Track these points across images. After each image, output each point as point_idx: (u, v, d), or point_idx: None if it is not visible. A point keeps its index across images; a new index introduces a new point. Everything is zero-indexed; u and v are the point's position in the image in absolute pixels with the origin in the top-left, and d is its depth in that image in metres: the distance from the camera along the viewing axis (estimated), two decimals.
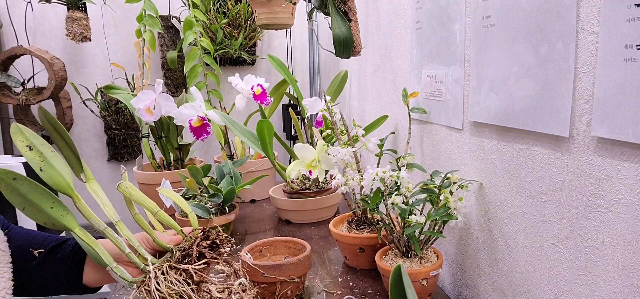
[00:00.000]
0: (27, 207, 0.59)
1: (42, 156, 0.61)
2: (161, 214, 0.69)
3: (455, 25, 0.84)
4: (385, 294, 0.87)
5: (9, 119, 2.01)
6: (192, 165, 1.23)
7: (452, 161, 0.90)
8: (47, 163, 0.61)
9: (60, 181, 0.61)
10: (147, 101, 1.38)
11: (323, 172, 1.16)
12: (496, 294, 0.78)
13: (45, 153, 0.61)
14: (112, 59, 2.04)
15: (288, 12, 1.41)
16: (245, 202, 1.57)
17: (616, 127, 0.50)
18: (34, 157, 0.60)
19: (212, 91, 1.85)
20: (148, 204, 0.68)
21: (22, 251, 0.68)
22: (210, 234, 0.68)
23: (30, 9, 1.94)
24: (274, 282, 0.81)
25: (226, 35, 2.00)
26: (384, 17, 1.23)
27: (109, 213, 0.65)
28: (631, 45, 0.47)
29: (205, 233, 0.68)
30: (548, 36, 0.60)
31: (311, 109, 1.31)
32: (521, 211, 0.69)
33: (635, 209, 0.50)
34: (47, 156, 0.61)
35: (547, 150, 0.63)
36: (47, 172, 0.60)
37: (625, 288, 0.52)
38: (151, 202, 0.69)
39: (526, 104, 0.65)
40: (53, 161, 0.61)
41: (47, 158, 0.61)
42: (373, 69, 1.36)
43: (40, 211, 0.60)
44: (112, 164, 2.13)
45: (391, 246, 0.88)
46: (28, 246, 0.69)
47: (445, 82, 0.89)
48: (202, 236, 0.67)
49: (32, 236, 0.71)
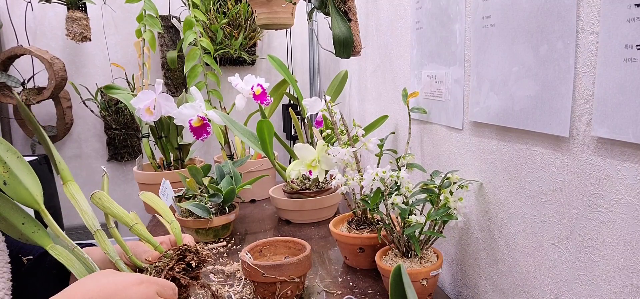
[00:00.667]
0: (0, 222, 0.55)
1: (5, 166, 0.55)
2: (137, 227, 0.65)
3: (455, 25, 0.84)
4: (385, 294, 0.87)
5: (9, 119, 2.01)
6: (192, 165, 1.23)
7: (452, 161, 0.90)
8: (11, 174, 0.55)
9: (25, 195, 0.56)
10: (147, 101, 1.38)
11: (323, 172, 1.16)
12: (496, 294, 0.78)
13: (9, 163, 0.55)
14: (112, 59, 2.04)
15: (288, 12, 1.41)
16: (245, 202, 1.57)
17: (616, 127, 0.50)
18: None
19: (212, 91, 1.85)
20: (122, 218, 0.64)
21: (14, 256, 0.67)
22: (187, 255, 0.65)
23: (30, 9, 1.94)
24: (274, 282, 0.81)
25: (226, 35, 2.00)
26: (384, 17, 1.23)
27: (87, 221, 0.61)
28: (631, 45, 0.47)
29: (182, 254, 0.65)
30: (548, 36, 0.60)
31: (311, 109, 1.31)
32: (521, 211, 0.69)
33: (635, 209, 0.50)
34: (12, 166, 0.55)
35: (547, 150, 0.63)
36: (11, 185, 0.55)
37: (625, 288, 0.52)
38: (126, 216, 0.65)
39: (526, 104, 0.65)
40: (18, 172, 0.56)
41: (12, 169, 0.55)
42: (373, 69, 1.36)
43: (12, 227, 0.57)
44: (112, 164, 2.13)
45: (391, 246, 0.88)
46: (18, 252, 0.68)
47: (445, 82, 0.89)
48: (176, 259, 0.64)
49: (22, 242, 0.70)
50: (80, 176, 2.11)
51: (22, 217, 0.57)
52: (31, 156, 1.77)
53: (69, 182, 0.61)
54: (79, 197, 0.62)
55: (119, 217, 0.63)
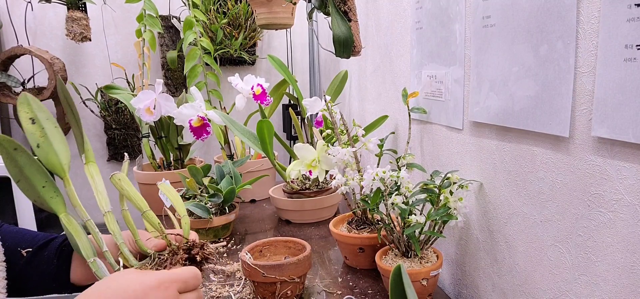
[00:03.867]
0: (22, 180, 0.58)
1: (43, 131, 0.58)
2: (149, 214, 0.67)
3: (455, 25, 0.84)
4: (385, 294, 0.87)
5: (9, 119, 2.01)
6: (192, 165, 1.23)
7: (452, 161, 0.90)
8: (46, 140, 0.58)
9: (54, 160, 0.59)
10: (147, 101, 1.38)
11: (323, 172, 1.16)
12: (496, 294, 0.78)
13: (47, 128, 0.59)
14: (112, 59, 2.04)
15: (288, 12, 1.41)
16: (245, 202, 1.57)
17: (616, 127, 0.50)
18: (35, 132, 0.58)
19: (212, 91, 1.85)
20: (137, 201, 0.66)
21: (11, 251, 0.67)
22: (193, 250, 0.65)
23: (30, 9, 1.94)
24: (274, 282, 0.81)
25: (226, 35, 2.00)
26: (384, 17, 1.23)
27: (101, 202, 0.63)
28: (631, 45, 0.47)
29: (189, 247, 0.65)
30: (548, 36, 0.60)
31: (311, 109, 1.31)
32: (521, 211, 0.69)
33: (635, 209, 0.50)
34: (48, 132, 0.59)
35: (547, 150, 0.63)
36: (43, 149, 0.58)
37: (625, 288, 0.52)
38: (141, 201, 0.66)
39: (526, 104, 0.65)
40: (53, 138, 0.59)
41: (48, 135, 0.59)
42: (373, 69, 1.36)
43: (32, 187, 0.58)
44: (112, 164, 2.13)
45: (391, 246, 0.88)
46: (17, 245, 0.68)
47: (445, 82, 0.89)
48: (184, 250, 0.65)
49: (21, 235, 0.70)
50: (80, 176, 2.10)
51: (45, 181, 0.59)
52: None
53: (91, 163, 0.64)
54: (97, 178, 0.64)
55: (134, 200, 0.65)
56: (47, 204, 0.59)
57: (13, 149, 0.56)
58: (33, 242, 0.69)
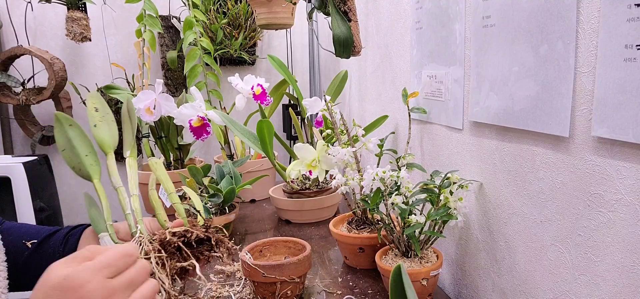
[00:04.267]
0: (67, 149, 0.66)
1: (102, 117, 0.71)
2: (173, 195, 0.73)
3: (455, 25, 0.84)
4: (385, 294, 0.87)
5: (9, 119, 2.01)
6: (192, 165, 1.23)
7: (452, 161, 0.90)
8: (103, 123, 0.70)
9: (106, 138, 0.70)
10: (147, 101, 1.38)
11: (323, 172, 1.16)
12: (496, 294, 0.78)
13: (106, 118, 0.72)
14: (112, 59, 2.04)
15: (288, 12, 1.41)
16: (245, 202, 1.57)
17: (616, 127, 0.50)
18: (95, 116, 0.70)
19: (212, 91, 1.85)
20: (166, 183, 0.74)
21: (15, 246, 0.67)
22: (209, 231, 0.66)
23: (30, 9, 1.94)
24: (274, 282, 0.81)
25: (226, 35, 2.00)
26: (384, 17, 1.23)
27: (131, 186, 0.70)
28: (631, 45, 0.47)
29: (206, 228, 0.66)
30: (548, 36, 0.60)
31: (311, 109, 1.31)
32: (521, 211, 0.69)
33: (635, 209, 0.50)
34: (106, 119, 0.71)
35: (547, 150, 0.63)
36: (99, 129, 0.70)
37: (625, 288, 0.52)
38: (169, 183, 0.75)
39: (526, 104, 0.65)
40: (107, 124, 0.71)
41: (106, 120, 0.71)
42: (373, 69, 1.36)
43: (75, 155, 0.66)
44: None
45: (391, 246, 0.89)
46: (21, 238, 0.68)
47: (445, 82, 0.89)
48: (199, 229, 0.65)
49: (25, 229, 0.70)
50: None
51: (88, 151, 0.68)
52: (31, 156, 1.77)
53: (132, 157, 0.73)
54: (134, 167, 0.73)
55: (164, 181, 0.74)
56: (86, 169, 0.67)
57: (69, 124, 0.67)
58: (38, 234, 0.70)
